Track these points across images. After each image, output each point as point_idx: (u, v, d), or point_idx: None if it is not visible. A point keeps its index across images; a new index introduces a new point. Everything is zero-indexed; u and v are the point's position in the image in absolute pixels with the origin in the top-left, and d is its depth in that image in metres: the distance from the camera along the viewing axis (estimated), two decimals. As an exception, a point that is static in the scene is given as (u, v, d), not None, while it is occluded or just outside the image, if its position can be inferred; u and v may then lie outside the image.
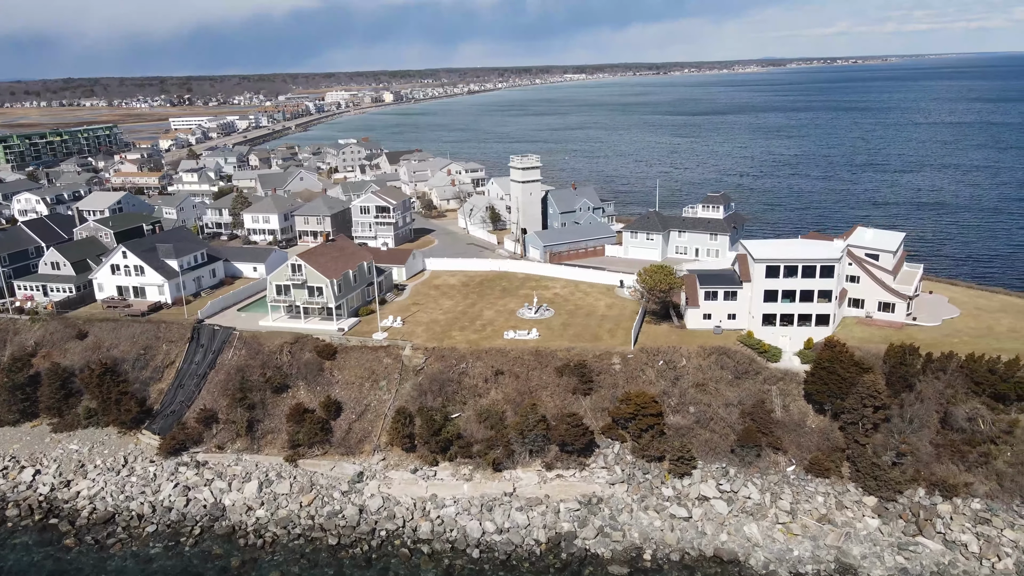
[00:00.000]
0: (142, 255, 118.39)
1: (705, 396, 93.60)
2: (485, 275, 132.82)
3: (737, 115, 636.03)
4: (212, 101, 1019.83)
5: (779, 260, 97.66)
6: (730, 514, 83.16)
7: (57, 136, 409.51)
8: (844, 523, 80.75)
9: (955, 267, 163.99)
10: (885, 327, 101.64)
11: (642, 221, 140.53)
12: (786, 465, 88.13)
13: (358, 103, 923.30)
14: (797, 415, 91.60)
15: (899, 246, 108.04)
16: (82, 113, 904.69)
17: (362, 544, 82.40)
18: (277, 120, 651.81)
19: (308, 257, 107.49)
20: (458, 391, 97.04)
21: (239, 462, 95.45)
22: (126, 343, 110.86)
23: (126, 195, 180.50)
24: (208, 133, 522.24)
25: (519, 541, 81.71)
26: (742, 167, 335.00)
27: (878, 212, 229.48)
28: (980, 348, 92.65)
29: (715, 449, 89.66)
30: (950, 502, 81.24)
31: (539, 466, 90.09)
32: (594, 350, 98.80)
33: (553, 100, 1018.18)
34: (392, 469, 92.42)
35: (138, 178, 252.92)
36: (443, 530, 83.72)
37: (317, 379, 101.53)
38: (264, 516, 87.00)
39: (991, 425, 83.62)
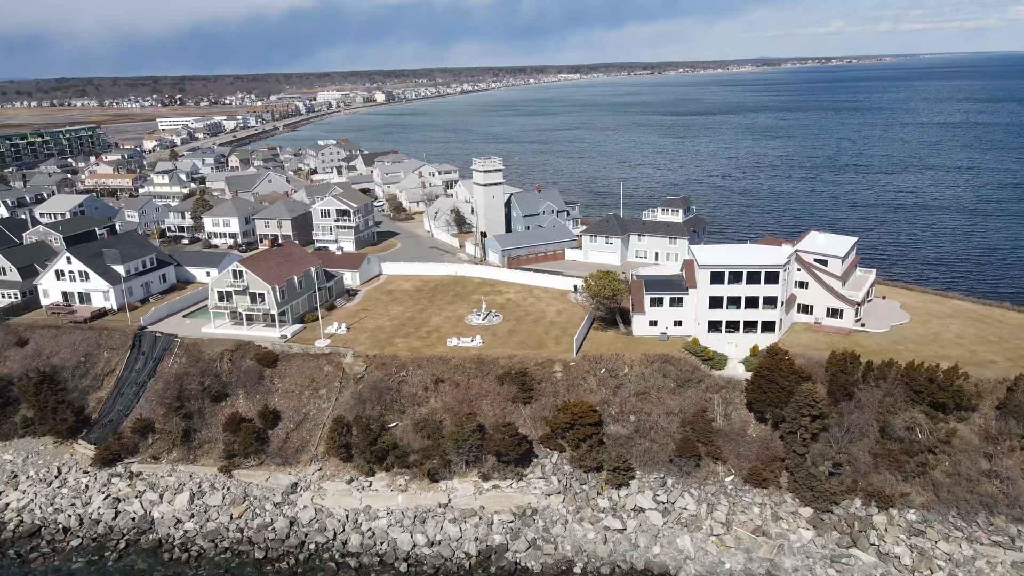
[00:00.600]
0: (87, 260, 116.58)
1: (646, 405, 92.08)
2: (441, 280, 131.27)
3: (727, 115, 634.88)
4: (204, 101, 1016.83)
5: (724, 266, 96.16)
6: (665, 526, 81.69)
7: (38, 137, 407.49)
8: (778, 535, 79.33)
9: (924, 271, 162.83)
10: (832, 333, 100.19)
11: (601, 225, 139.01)
12: (725, 475, 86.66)
13: (349, 103, 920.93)
14: (739, 424, 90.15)
15: (849, 251, 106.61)
16: (73, 113, 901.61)
17: (289, 558, 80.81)
18: (266, 120, 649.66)
19: (250, 263, 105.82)
20: (397, 400, 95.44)
21: (173, 473, 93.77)
22: (67, 350, 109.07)
23: (88, 198, 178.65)
24: (194, 134, 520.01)
25: (449, 554, 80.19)
26: (725, 168, 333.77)
27: (855, 214, 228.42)
28: (924, 355, 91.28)
29: (654, 459, 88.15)
30: (886, 513, 79.85)
31: (476, 476, 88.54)
32: (536, 358, 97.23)
33: (546, 100, 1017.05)
34: (327, 480, 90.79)
35: (111, 180, 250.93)
36: (373, 543, 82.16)
37: (257, 387, 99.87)
38: (192, 529, 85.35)
39: (929, 435, 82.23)
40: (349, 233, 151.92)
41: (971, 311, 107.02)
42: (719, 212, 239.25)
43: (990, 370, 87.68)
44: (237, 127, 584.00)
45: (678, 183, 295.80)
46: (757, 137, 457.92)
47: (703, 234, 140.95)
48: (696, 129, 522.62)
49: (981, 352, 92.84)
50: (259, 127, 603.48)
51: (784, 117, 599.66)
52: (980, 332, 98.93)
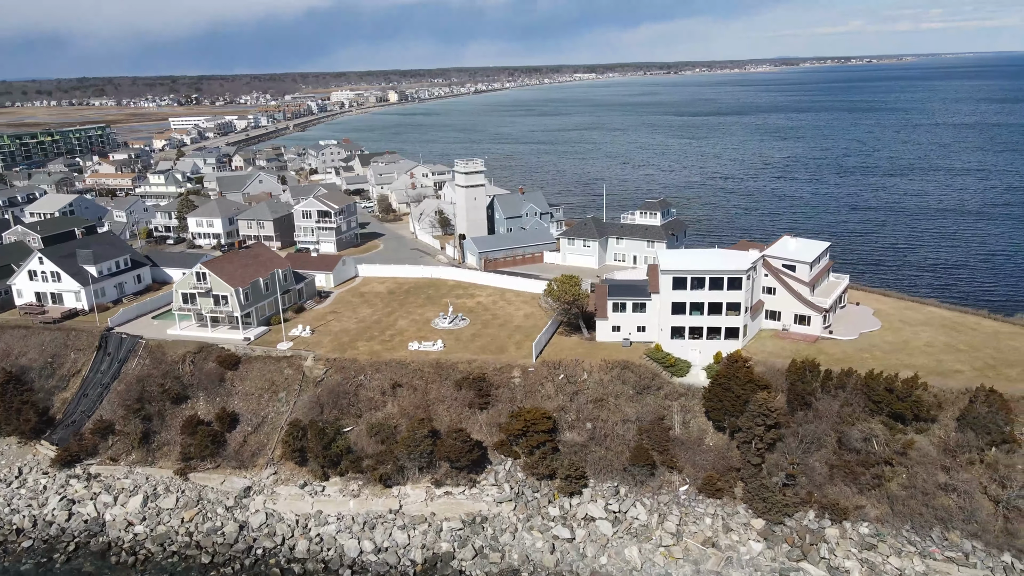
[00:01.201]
0: (59, 261, 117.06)
1: (603, 412, 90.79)
2: (415, 282, 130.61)
3: (740, 116, 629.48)
4: (219, 101, 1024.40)
5: (686, 271, 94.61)
6: (615, 535, 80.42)
7: (48, 136, 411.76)
8: (728, 546, 77.81)
9: (914, 277, 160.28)
10: (799, 341, 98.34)
11: (579, 228, 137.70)
12: (679, 485, 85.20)
13: (362, 103, 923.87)
14: (696, 432, 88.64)
15: (819, 257, 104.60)
16: (90, 112, 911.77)
17: (235, 563, 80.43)
18: (277, 120, 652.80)
19: (214, 265, 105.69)
20: (354, 404, 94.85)
21: (130, 475, 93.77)
22: (35, 351, 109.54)
23: (78, 198, 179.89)
24: (205, 133, 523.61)
25: (395, 562, 79.45)
26: (729, 169, 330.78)
27: (854, 217, 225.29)
28: (890, 363, 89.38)
29: (609, 467, 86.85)
30: (839, 526, 78.08)
31: (428, 483, 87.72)
32: (495, 363, 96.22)
33: (560, 100, 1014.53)
34: (282, 484, 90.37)
35: (111, 180, 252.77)
36: (320, 549, 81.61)
37: (217, 390, 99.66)
38: (142, 532, 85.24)
39: (885, 446, 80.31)
40: (330, 234, 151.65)
41: (946, 319, 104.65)
42: (716, 214, 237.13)
43: (954, 380, 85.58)
44: (248, 127, 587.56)
45: (679, 184, 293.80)
46: (766, 138, 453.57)
47: (683, 237, 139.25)
48: (706, 130, 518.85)
49: (948, 361, 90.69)
50: (270, 127, 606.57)
51: (797, 118, 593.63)
52: (951, 340, 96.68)
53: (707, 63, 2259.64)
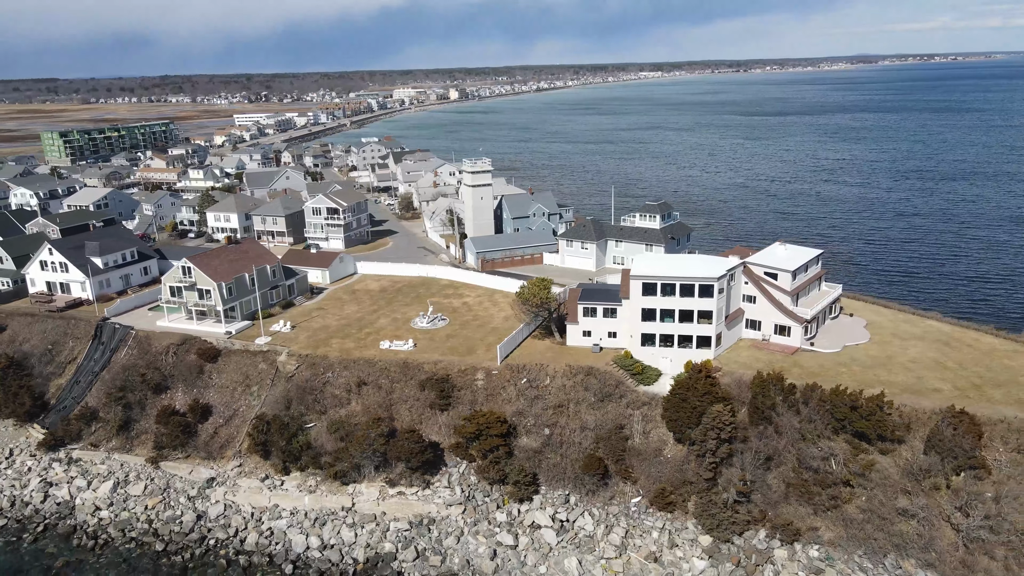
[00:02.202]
0: (67, 252, 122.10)
1: (562, 418, 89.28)
2: (410, 280, 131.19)
3: (804, 116, 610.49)
4: (287, 98, 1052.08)
5: (656, 277, 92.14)
6: (558, 545, 79.06)
7: (115, 132, 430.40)
8: (671, 563, 75.52)
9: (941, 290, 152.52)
10: (777, 352, 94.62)
11: (577, 230, 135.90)
12: (633, 496, 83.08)
13: (423, 101, 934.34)
14: (656, 443, 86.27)
15: (805, 266, 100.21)
16: (165, 109, 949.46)
17: (186, 552, 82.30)
18: (337, 117, 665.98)
19: (198, 260, 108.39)
20: (320, 400, 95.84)
21: (107, 461, 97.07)
22: (37, 337, 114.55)
23: (112, 191, 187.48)
24: (264, 130, 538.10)
25: (337, 559, 79.97)
26: (777, 171, 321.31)
27: (897, 223, 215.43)
28: (866, 379, 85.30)
29: (562, 475, 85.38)
30: (789, 547, 74.80)
31: (382, 482, 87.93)
32: (461, 364, 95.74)
33: (623, 99, 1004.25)
34: (245, 476, 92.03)
35: (157, 174, 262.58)
36: (268, 542, 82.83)
37: (195, 381, 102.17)
38: (107, 517, 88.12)
39: (843, 466, 76.48)
40: (338, 231, 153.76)
41: (943, 333, 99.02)
42: (750, 217, 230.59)
43: (930, 399, 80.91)
44: (308, 123, 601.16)
45: (719, 187, 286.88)
46: (825, 139, 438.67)
47: (686, 241, 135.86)
48: (765, 130, 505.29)
49: (929, 379, 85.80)
50: (329, 124, 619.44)
51: (863, 118, 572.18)
52: (940, 357, 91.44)
53: (778, 61, 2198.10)
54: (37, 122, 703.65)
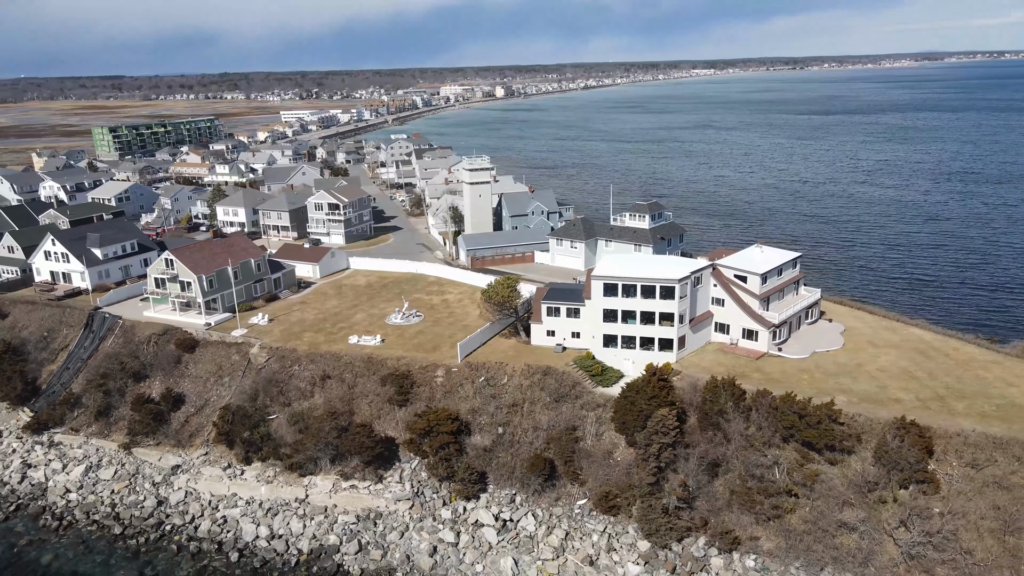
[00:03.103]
0: (68, 243, 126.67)
1: (516, 417, 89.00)
2: (398, 276, 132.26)
3: (853, 115, 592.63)
4: (337, 95, 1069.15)
5: (617, 278, 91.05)
6: (499, 544, 78.89)
7: (161, 127, 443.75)
8: (606, 567, 74.69)
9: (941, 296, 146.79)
10: (743, 356, 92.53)
11: (567, 228, 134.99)
12: (579, 498, 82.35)
13: (468, 98, 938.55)
14: (608, 446, 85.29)
15: (777, 269, 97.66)
16: (219, 105, 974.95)
17: (141, 536, 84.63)
18: (381, 115, 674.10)
19: (181, 252, 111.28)
20: (285, 392, 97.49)
21: (84, 445, 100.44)
22: (35, 324, 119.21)
23: (134, 185, 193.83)
24: (308, 126, 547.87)
25: (283, 549, 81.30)
26: (810, 172, 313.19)
27: (927, 227, 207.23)
28: (826, 387, 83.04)
29: (511, 474, 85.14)
30: (727, 556, 73.21)
31: (336, 475, 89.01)
32: (423, 361, 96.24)
33: (671, 97, 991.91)
34: (208, 465, 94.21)
35: (188, 169, 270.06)
36: (220, 530, 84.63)
37: (172, 371, 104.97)
38: (75, 500, 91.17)
39: (786, 475, 74.45)
40: (339, 226, 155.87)
41: (923, 341, 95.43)
42: (770, 219, 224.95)
43: (888, 409, 78.07)
44: (351, 120, 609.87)
45: (748, 187, 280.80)
46: (871, 139, 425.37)
47: (679, 242, 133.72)
48: (810, 130, 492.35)
49: (892, 388, 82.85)
50: (372, 120, 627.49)
51: (917, 118, 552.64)
52: (911, 366, 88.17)
53: (838, 58, 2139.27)
54: (99, 117, 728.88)
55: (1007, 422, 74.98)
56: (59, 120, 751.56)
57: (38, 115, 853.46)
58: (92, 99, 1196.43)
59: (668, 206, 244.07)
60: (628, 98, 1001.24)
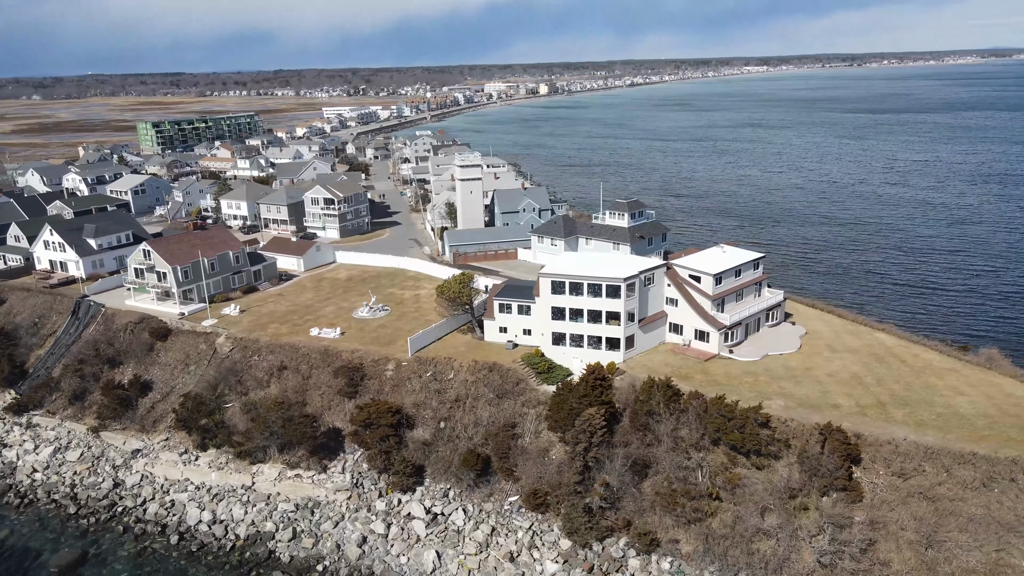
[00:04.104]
0: (65, 233, 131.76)
1: (459, 412, 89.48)
2: (380, 271, 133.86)
3: (902, 114, 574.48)
4: (383, 92, 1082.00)
5: (564, 276, 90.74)
6: (426, 537, 79.55)
7: (202, 123, 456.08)
8: (525, 564, 74.71)
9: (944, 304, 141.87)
10: (693, 357, 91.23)
11: (548, 226, 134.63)
12: (512, 495, 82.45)
13: (511, 95, 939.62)
14: (545, 443, 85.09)
15: (734, 269, 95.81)
16: (268, 102, 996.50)
17: (93, 516, 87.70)
18: (421, 111, 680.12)
19: (158, 243, 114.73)
20: (243, 381, 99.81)
21: (57, 427, 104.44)
22: (28, 311, 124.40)
23: (149, 178, 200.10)
24: (347, 122, 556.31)
25: (221, 534, 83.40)
26: (841, 172, 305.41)
27: (950, 232, 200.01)
28: (767, 390, 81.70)
29: (447, 469, 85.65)
30: (644, 557, 72.51)
31: (283, 463, 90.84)
32: (376, 354, 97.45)
33: (721, 94, 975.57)
34: (167, 450, 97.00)
35: (215, 163, 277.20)
36: (166, 513, 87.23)
37: (145, 358, 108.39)
38: (40, 480, 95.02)
39: (708, 479, 73.31)
40: (334, 221, 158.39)
41: (884, 347, 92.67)
42: (786, 220, 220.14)
43: (825, 415, 76.13)
44: (391, 116, 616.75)
45: (773, 187, 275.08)
46: (914, 139, 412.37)
47: (662, 241, 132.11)
48: (853, 128, 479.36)
49: (835, 393, 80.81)
50: (411, 117, 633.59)
51: (969, 117, 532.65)
52: (863, 371, 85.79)
53: (898, 55, 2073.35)
54: (152, 113, 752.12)
55: (943, 431, 72.51)
56: (116, 116, 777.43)
57: (98, 111, 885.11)
58: (151, 95, 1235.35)
59: (682, 206, 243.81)
60: (673, 95, 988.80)
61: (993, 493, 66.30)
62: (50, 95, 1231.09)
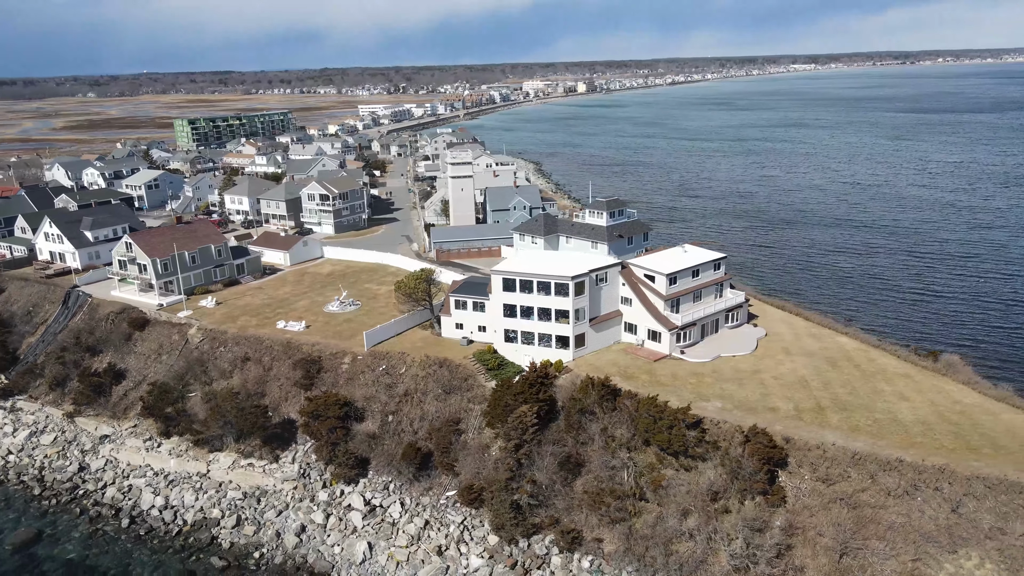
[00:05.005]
0: (63, 226, 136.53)
1: (406, 407, 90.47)
2: (363, 266, 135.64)
3: (945, 114, 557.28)
4: (423, 90, 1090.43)
5: (514, 274, 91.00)
6: (363, 528, 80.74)
7: (236, 120, 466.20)
8: (452, 558, 75.32)
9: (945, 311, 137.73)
10: (643, 357, 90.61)
11: (529, 224, 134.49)
12: (449, 489, 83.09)
13: (548, 93, 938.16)
14: (487, 439, 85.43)
15: (690, 269, 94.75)
16: (310, 99, 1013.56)
17: (55, 498, 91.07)
18: (456, 109, 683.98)
19: (139, 236, 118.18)
20: (208, 371, 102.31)
21: (37, 412, 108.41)
22: (25, 299, 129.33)
23: (163, 173, 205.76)
24: (379, 120, 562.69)
25: (170, 519, 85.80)
26: (867, 173, 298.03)
27: (971, 236, 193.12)
28: (708, 392, 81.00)
29: (390, 462, 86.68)
30: (567, 555, 72.47)
31: (237, 452, 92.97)
32: (335, 348, 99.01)
33: (764, 93, 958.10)
34: (134, 437, 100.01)
35: (236, 160, 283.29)
36: (123, 497, 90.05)
37: (122, 347, 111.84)
38: (12, 462, 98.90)
39: (633, 479, 72.89)
40: (329, 216, 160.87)
41: (841, 350, 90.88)
42: (797, 222, 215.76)
43: (760, 418, 74.99)
44: (424, 114, 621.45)
45: (791, 188, 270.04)
46: (952, 139, 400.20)
47: (644, 240, 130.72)
48: (889, 128, 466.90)
49: (776, 397, 79.54)
50: (445, 114, 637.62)
51: (1017, 117, 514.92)
52: (812, 374, 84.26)
53: (954, 52, 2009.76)
54: (198, 110, 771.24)
55: (876, 437, 70.91)
56: (162, 113, 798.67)
57: (146, 108, 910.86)
58: (199, 93, 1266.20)
59: (695, 206, 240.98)
60: (715, 94, 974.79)
61: (915, 501, 64.67)
62: (104, 93, 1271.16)
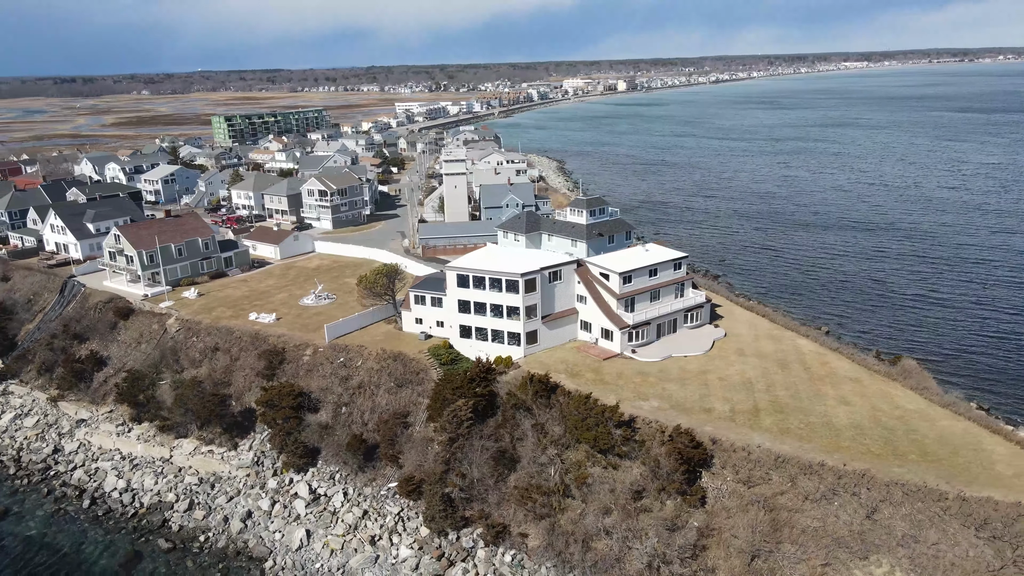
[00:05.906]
0: (66, 218, 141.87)
1: (359, 399, 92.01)
2: (350, 261, 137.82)
3: (990, 114, 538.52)
4: (464, 87, 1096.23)
5: (467, 270, 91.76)
6: (305, 516, 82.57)
7: (271, 117, 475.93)
8: (383, 548, 76.63)
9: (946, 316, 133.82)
10: (593, 355, 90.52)
11: (511, 221, 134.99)
12: (391, 480, 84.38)
13: (588, 92, 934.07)
14: (432, 432, 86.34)
15: (647, 268, 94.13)
16: (353, 97, 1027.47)
17: (27, 478, 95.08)
18: (492, 107, 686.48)
19: (127, 229, 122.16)
20: (180, 360, 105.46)
21: (25, 396, 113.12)
22: (27, 288, 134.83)
23: (179, 169, 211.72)
24: (413, 117, 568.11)
25: (128, 502, 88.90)
26: (895, 173, 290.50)
27: (992, 240, 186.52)
28: (651, 391, 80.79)
29: (339, 452, 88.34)
30: (491, 549, 73.07)
31: (199, 439, 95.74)
32: (298, 340, 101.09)
33: (813, 91, 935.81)
34: (108, 422, 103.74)
35: (259, 156, 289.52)
36: (89, 479, 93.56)
37: (107, 335, 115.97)
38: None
39: (558, 475, 73.07)
40: (327, 212, 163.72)
41: (797, 352, 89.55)
42: (810, 223, 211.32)
43: (692, 418, 74.58)
44: (460, 112, 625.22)
45: (813, 189, 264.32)
46: (993, 139, 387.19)
47: (626, 239, 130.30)
48: (931, 127, 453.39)
49: (714, 398, 78.83)
50: (481, 112, 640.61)
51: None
52: (759, 376, 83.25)
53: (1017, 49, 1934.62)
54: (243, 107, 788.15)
55: (804, 441, 69.90)
56: (209, 110, 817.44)
57: (195, 105, 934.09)
58: (247, 91, 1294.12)
59: (709, 206, 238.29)
60: (759, 93, 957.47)
61: (832, 506, 63.64)
62: (158, 91, 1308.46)
